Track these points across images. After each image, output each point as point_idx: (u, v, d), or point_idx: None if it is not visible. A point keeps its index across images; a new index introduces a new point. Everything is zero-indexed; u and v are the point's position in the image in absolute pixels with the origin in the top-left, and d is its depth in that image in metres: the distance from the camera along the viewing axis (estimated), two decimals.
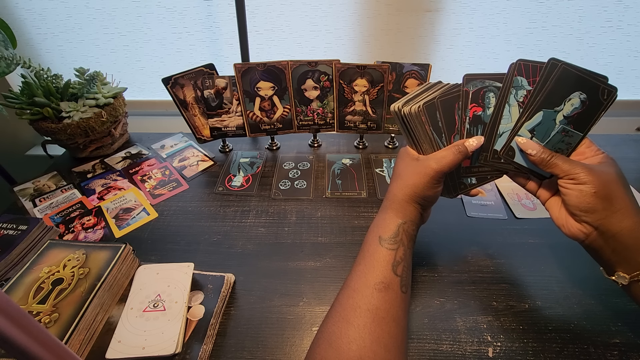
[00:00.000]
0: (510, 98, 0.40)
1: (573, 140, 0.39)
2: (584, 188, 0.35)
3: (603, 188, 0.35)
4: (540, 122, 0.39)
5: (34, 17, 0.91)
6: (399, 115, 0.44)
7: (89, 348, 0.45)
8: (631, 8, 0.84)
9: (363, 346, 0.33)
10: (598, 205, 0.35)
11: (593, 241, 0.37)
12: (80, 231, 0.63)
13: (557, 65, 0.37)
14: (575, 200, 0.36)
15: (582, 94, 0.38)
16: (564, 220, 0.39)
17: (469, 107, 0.41)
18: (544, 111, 0.39)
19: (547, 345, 0.45)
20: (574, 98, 0.38)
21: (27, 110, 0.72)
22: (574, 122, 0.39)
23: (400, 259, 0.39)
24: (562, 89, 0.38)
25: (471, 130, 0.42)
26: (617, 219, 0.35)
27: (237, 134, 0.78)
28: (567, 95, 0.38)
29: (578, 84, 0.37)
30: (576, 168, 0.36)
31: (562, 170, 0.37)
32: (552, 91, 0.38)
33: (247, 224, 0.63)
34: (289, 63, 0.72)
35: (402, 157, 0.46)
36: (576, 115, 0.38)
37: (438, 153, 0.42)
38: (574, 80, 0.37)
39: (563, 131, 0.39)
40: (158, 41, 0.95)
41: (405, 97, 0.44)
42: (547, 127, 0.39)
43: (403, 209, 0.42)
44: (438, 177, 0.41)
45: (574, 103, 0.38)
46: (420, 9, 0.86)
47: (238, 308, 0.50)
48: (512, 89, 0.39)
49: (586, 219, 0.36)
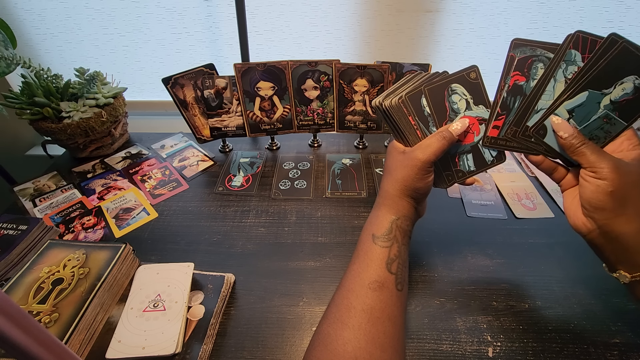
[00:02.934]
0: (558, 72, 0.36)
1: (614, 129, 0.35)
2: (601, 184, 0.34)
3: (621, 189, 0.33)
4: (583, 103, 0.35)
5: (33, 18, 0.91)
6: (381, 110, 0.43)
7: (89, 348, 0.45)
8: (632, 9, 0.84)
9: (358, 347, 0.33)
10: (609, 204, 0.34)
11: (594, 238, 0.37)
12: (80, 231, 0.63)
13: (617, 42, 0.32)
14: (589, 194, 0.35)
15: (637, 78, 0.33)
16: (573, 211, 0.38)
17: (512, 74, 0.38)
18: (589, 92, 0.34)
19: (547, 345, 0.45)
20: (628, 82, 0.33)
21: (27, 110, 0.72)
22: (621, 109, 0.35)
23: (394, 256, 0.39)
24: (616, 69, 0.33)
25: (507, 100, 0.39)
26: (623, 221, 0.34)
27: (237, 134, 0.78)
28: (620, 78, 0.33)
29: (636, 67, 0.33)
30: (602, 162, 0.34)
31: (588, 161, 0.35)
32: (605, 70, 0.33)
33: (247, 224, 0.63)
34: (289, 63, 0.72)
35: (390, 152, 0.45)
36: (625, 102, 0.34)
37: (423, 142, 0.41)
38: (633, 62, 0.32)
39: (605, 117, 0.35)
40: (158, 41, 0.95)
41: (386, 92, 0.44)
42: (589, 110, 0.35)
43: (395, 204, 0.42)
44: (426, 167, 0.40)
45: (625, 87, 0.34)
46: (420, 9, 0.86)
47: (238, 308, 0.50)
48: (563, 62, 0.35)
49: (593, 215, 0.35)
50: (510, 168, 0.75)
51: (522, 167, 0.75)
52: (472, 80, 0.42)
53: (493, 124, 0.41)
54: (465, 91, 0.42)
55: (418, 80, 0.43)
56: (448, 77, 0.42)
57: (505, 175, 0.73)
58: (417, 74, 0.46)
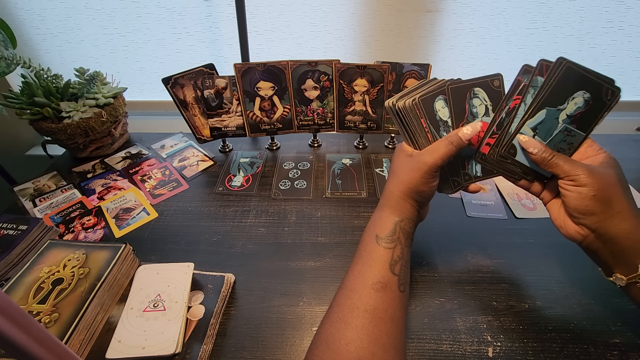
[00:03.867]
0: (527, 97, 0.39)
1: (575, 140, 0.39)
2: (583, 190, 0.35)
3: (602, 191, 0.34)
4: (543, 120, 0.38)
5: (33, 18, 0.91)
6: (394, 110, 0.43)
7: (89, 348, 0.45)
8: (632, 9, 0.84)
9: (361, 347, 0.33)
10: (597, 208, 0.35)
11: (590, 243, 0.37)
12: (80, 231, 0.63)
13: (562, 64, 0.36)
14: (574, 202, 0.36)
15: (585, 93, 0.37)
16: (562, 221, 0.39)
17: (514, 97, 0.40)
18: (547, 109, 0.38)
19: (547, 345, 0.45)
20: (578, 97, 0.37)
21: (27, 110, 0.72)
22: (577, 121, 0.38)
23: (397, 258, 0.39)
24: (566, 87, 0.37)
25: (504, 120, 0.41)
26: (615, 222, 0.35)
27: (237, 134, 0.78)
28: (571, 94, 0.37)
29: (582, 83, 0.37)
30: (577, 169, 0.35)
31: (563, 170, 0.36)
32: (556, 89, 0.37)
33: (247, 224, 0.63)
34: (289, 63, 0.72)
35: (397, 154, 0.45)
36: (579, 114, 0.38)
37: (431, 147, 0.41)
38: (579, 79, 0.37)
39: (566, 130, 0.38)
40: (158, 41, 0.95)
41: (400, 93, 0.44)
42: (550, 125, 0.39)
43: (399, 206, 0.42)
44: (432, 172, 0.40)
45: (577, 102, 0.37)
46: (420, 9, 0.86)
47: (238, 308, 0.50)
48: (531, 88, 0.38)
49: (584, 221, 0.36)
50: None
51: None
52: (495, 87, 0.43)
53: (486, 141, 0.42)
54: (486, 97, 0.43)
55: (433, 85, 0.43)
56: (472, 80, 0.42)
57: None
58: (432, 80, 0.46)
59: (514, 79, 0.40)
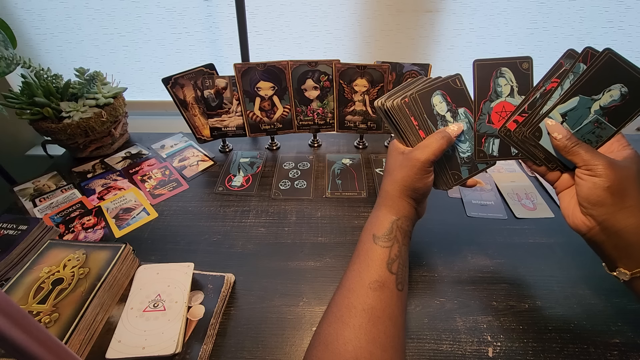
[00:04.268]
0: (565, 82, 0.38)
1: (605, 134, 0.38)
2: (597, 181, 0.35)
3: (618, 183, 0.34)
4: (575, 107, 0.38)
5: (33, 18, 0.91)
6: (383, 111, 0.44)
7: (89, 348, 0.45)
8: (632, 9, 0.84)
9: (359, 347, 0.33)
10: (608, 200, 0.35)
11: (594, 235, 0.37)
12: (80, 231, 0.63)
13: (604, 54, 0.36)
14: (586, 191, 0.36)
15: (623, 87, 0.36)
16: (571, 211, 0.39)
17: (553, 79, 0.39)
18: (580, 97, 0.37)
19: (547, 345, 0.45)
20: (615, 90, 0.36)
21: (27, 110, 0.72)
22: (610, 115, 0.37)
23: (395, 257, 0.39)
24: (604, 77, 0.36)
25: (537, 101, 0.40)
26: (624, 216, 0.34)
27: (237, 134, 0.78)
28: (608, 85, 0.36)
29: (622, 76, 0.36)
30: (596, 160, 0.35)
31: (583, 159, 0.36)
32: (593, 78, 0.36)
33: (247, 224, 0.63)
34: (289, 63, 0.72)
35: (390, 153, 0.45)
36: (613, 107, 0.37)
37: (422, 142, 0.41)
38: (619, 71, 0.36)
39: (596, 122, 0.37)
40: (158, 41, 0.95)
41: (387, 93, 0.44)
42: (581, 114, 0.38)
43: (396, 205, 0.42)
44: (425, 168, 0.40)
45: (613, 95, 0.37)
46: (420, 9, 0.86)
47: (238, 308, 0.50)
48: (571, 73, 0.38)
49: (593, 212, 0.36)
50: (510, 168, 0.75)
51: (522, 167, 0.75)
52: (524, 70, 0.42)
53: (515, 118, 0.41)
54: (512, 78, 0.42)
55: (421, 83, 0.44)
56: (500, 59, 0.42)
57: (505, 175, 0.73)
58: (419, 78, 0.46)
59: (556, 61, 0.40)
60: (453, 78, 0.43)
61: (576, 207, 0.38)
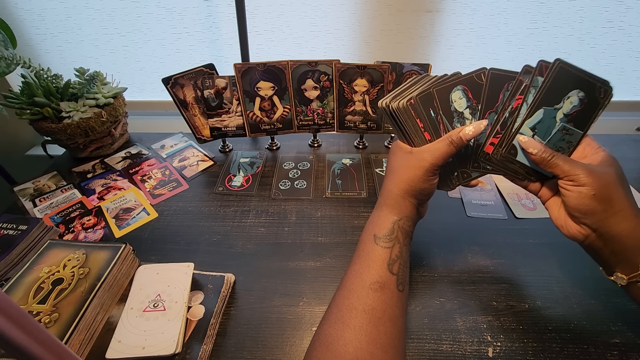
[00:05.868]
0: (528, 97, 0.39)
1: (574, 139, 0.39)
2: (583, 190, 0.35)
3: (602, 190, 0.34)
4: (541, 119, 0.39)
5: (33, 18, 0.91)
6: (387, 112, 0.43)
7: (89, 348, 0.45)
8: (632, 9, 0.84)
9: (359, 348, 0.33)
10: (597, 207, 0.35)
11: (592, 242, 0.37)
12: (80, 231, 0.62)
13: (556, 64, 0.37)
14: (574, 202, 0.36)
15: (580, 92, 0.38)
16: (563, 221, 0.39)
17: (517, 97, 0.40)
18: (544, 109, 0.39)
19: (547, 345, 0.45)
20: (573, 96, 0.38)
21: (27, 110, 0.72)
22: (574, 120, 0.39)
23: (396, 257, 0.39)
24: (561, 87, 0.38)
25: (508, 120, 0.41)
26: (616, 221, 0.35)
27: (237, 134, 0.78)
28: (566, 94, 0.38)
29: (576, 82, 0.38)
30: (576, 169, 0.35)
31: (563, 170, 0.36)
32: (551, 88, 0.38)
33: (247, 224, 0.63)
34: (289, 63, 0.72)
35: (394, 152, 0.45)
36: (576, 113, 0.38)
37: (432, 145, 0.41)
38: (572, 79, 0.38)
39: (564, 129, 0.39)
40: (158, 41, 0.95)
41: (392, 93, 0.44)
42: (548, 125, 0.39)
43: (398, 205, 0.41)
44: (433, 170, 0.40)
45: (572, 101, 0.38)
46: (420, 9, 0.86)
47: (238, 308, 0.50)
48: (532, 88, 0.39)
49: (585, 220, 0.36)
50: None
51: None
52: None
53: (490, 141, 0.42)
54: None
55: (427, 82, 0.43)
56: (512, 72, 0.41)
57: None
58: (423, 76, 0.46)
59: (515, 78, 0.40)
60: (478, 73, 0.43)
61: (567, 217, 0.38)
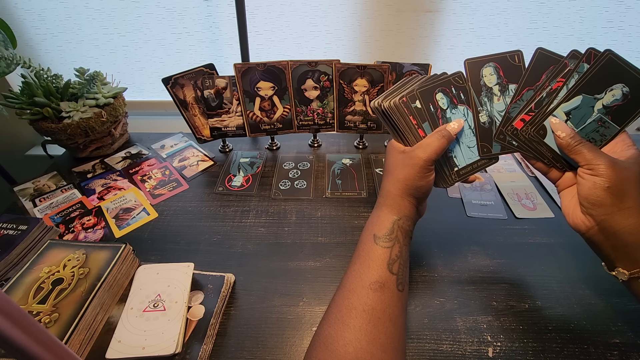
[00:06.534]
0: (570, 82, 0.39)
1: (608, 133, 0.39)
2: (597, 181, 0.35)
3: (618, 184, 0.34)
4: (578, 106, 0.38)
5: (33, 18, 0.91)
6: (380, 111, 0.44)
7: (89, 348, 0.45)
8: (632, 9, 0.84)
9: (359, 348, 0.33)
10: (607, 200, 0.35)
11: (593, 235, 0.37)
12: (80, 231, 0.62)
13: (606, 54, 0.37)
14: (586, 190, 0.36)
15: (625, 86, 0.37)
16: (572, 210, 0.39)
17: (558, 79, 0.40)
18: (583, 96, 0.38)
19: (547, 345, 0.45)
20: (616, 89, 0.37)
21: (27, 110, 0.72)
22: (613, 114, 0.38)
23: (395, 257, 0.39)
24: (605, 77, 0.37)
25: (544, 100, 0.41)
26: (622, 217, 0.35)
27: (237, 134, 0.78)
28: (609, 85, 0.37)
29: (623, 76, 0.37)
30: (598, 159, 0.35)
31: (585, 158, 0.36)
32: (595, 77, 0.37)
33: (247, 224, 0.63)
34: (289, 63, 0.72)
35: (389, 152, 0.45)
36: (616, 107, 0.38)
37: (423, 141, 0.41)
38: (620, 71, 0.37)
39: (599, 121, 0.38)
40: (158, 41, 0.95)
41: (384, 94, 0.44)
42: (584, 113, 0.38)
43: (397, 204, 0.42)
44: (427, 166, 0.40)
45: (615, 94, 0.37)
46: (420, 9, 0.86)
47: (238, 308, 0.50)
48: (576, 73, 0.39)
49: (592, 211, 0.36)
50: (510, 168, 0.75)
51: (522, 167, 0.75)
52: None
53: (521, 117, 0.41)
54: None
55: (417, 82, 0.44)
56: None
57: (505, 175, 0.73)
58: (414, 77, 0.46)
59: (561, 61, 0.40)
60: (512, 54, 0.43)
61: (577, 206, 0.38)
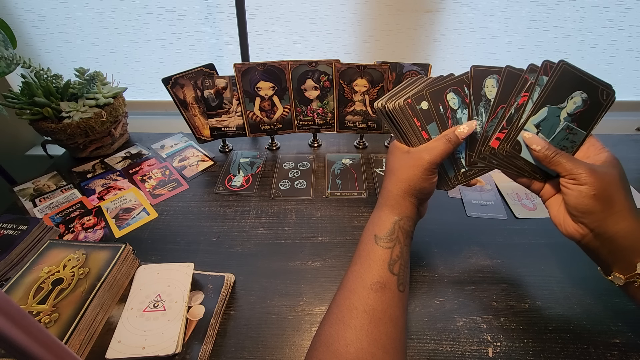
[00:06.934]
0: (534, 94, 0.40)
1: (577, 139, 0.40)
2: (583, 189, 0.35)
3: (603, 190, 0.34)
4: (546, 117, 0.40)
5: (33, 18, 0.91)
6: (384, 112, 0.44)
7: (89, 348, 0.45)
8: (632, 9, 0.84)
9: (360, 348, 0.33)
10: (596, 207, 0.35)
11: (589, 242, 0.37)
12: (80, 231, 0.62)
13: (560, 65, 0.39)
14: (574, 200, 0.36)
15: (583, 93, 0.39)
16: (562, 219, 0.39)
17: (522, 94, 0.41)
18: (548, 107, 0.39)
19: (547, 345, 0.45)
20: (576, 96, 0.39)
21: (27, 110, 0.72)
22: (578, 120, 0.39)
23: (396, 257, 0.39)
24: (565, 87, 0.39)
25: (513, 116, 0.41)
26: (614, 221, 0.35)
27: (237, 134, 0.78)
28: (569, 94, 0.39)
29: (579, 84, 0.39)
30: (579, 168, 0.36)
31: (565, 169, 0.36)
32: (555, 88, 0.39)
33: (247, 224, 0.63)
34: (289, 63, 0.72)
35: (392, 152, 0.45)
36: (579, 113, 0.39)
37: (429, 144, 0.41)
38: (576, 80, 0.39)
39: (567, 128, 0.40)
40: (158, 41, 0.95)
41: (388, 94, 0.44)
42: (552, 123, 0.40)
43: (398, 205, 0.41)
44: (432, 168, 0.40)
45: (576, 101, 0.39)
46: (420, 9, 0.86)
47: (238, 308, 0.50)
48: (537, 86, 0.40)
49: (583, 220, 0.36)
50: None
51: None
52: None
53: (496, 136, 0.42)
54: None
55: (422, 83, 0.44)
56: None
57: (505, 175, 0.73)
58: (418, 77, 0.46)
59: (521, 76, 0.41)
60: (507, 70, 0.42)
61: (566, 215, 0.39)
